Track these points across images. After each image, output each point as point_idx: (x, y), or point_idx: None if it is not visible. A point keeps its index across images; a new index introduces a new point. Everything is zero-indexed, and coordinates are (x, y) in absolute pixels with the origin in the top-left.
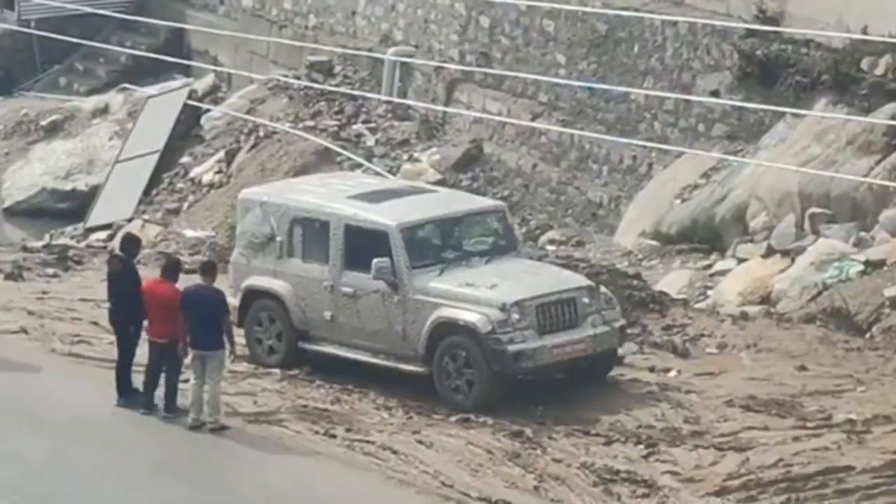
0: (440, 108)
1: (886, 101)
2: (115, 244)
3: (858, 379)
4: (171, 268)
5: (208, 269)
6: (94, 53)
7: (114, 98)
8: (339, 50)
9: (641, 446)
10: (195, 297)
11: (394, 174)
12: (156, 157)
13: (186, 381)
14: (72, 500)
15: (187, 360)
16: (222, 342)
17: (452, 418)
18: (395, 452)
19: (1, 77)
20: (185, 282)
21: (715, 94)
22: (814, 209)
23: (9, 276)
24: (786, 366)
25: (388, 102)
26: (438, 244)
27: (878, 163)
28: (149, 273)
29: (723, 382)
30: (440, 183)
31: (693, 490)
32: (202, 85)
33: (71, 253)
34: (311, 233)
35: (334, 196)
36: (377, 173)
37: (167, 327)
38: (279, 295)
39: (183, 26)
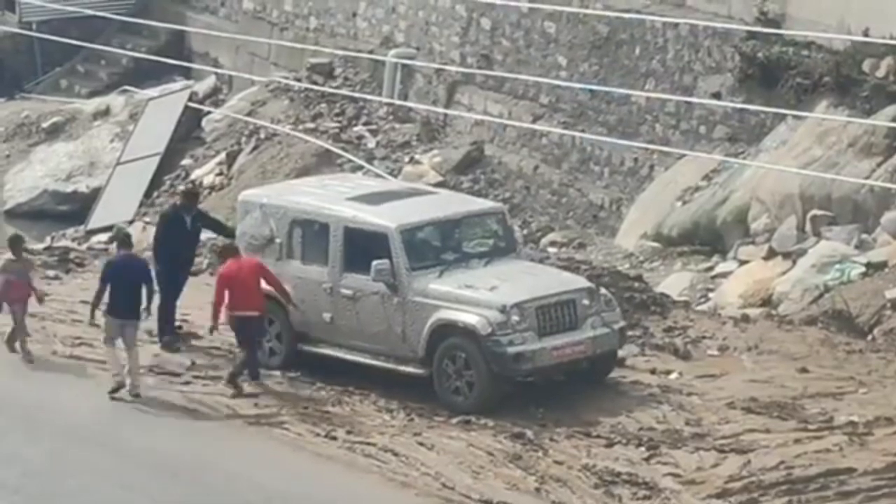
0: (441, 110)
1: (888, 103)
2: (179, 198)
3: (860, 381)
4: (234, 249)
5: (125, 241)
6: (95, 56)
7: (115, 100)
8: (340, 52)
9: (643, 448)
10: (119, 268)
11: (395, 176)
12: (157, 159)
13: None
14: (71, 501)
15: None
16: (139, 313)
17: (453, 420)
18: (396, 454)
19: (2, 79)
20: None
21: (716, 96)
22: (815, 211)
23: None
24: (787, 368)
25: (388, 104)
26: (438, 246)
27: (879, 165)
28: None
29: (724, 384)
30: (441, 185)
31: (694, 492)
32: (203, 87)
33: (72, 255)
34: (310, 235)
35: (334, 198)
36: (378, 175)
37: (255, 300)
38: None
39: (184, 28)
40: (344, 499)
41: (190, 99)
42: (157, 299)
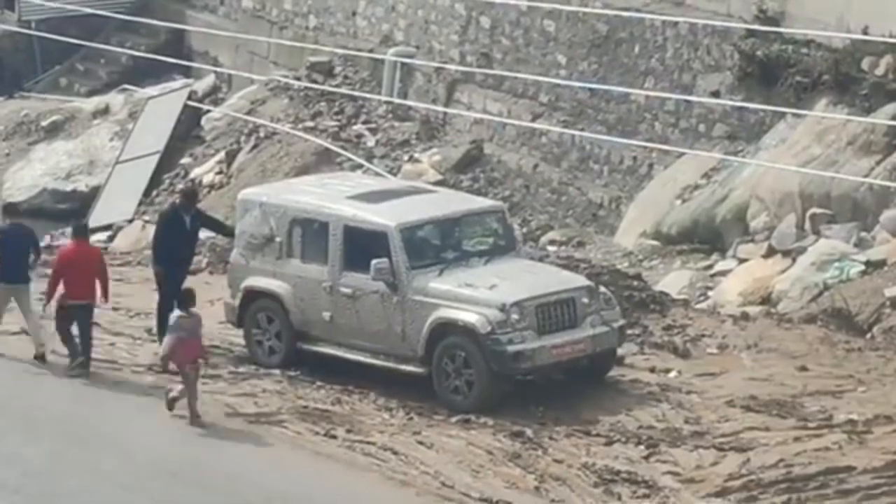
0: (441, 108)
1: (887, 102)
2: (178, 198)
3: (859, 379)
4: (83, 229)
5: (13, 210)
6: (94, 54)
7: (114, 99)
8: (340, 51)
9: (642, 447)
10: (8, 236)
11: (394, 175)
12: (156, 157)
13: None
14: (71, 501)
15: None
16: (28, 276)
17: (453, 419)
18: (395, 453)
19: (2, 77)
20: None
21: (715, 94)
22: (814, 209)
23: None
24: (786, 366)
25: (388, 103)
26: (438, 244)
27: (878, 163)
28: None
29: (723, 383)
30: (441, 183)
31: (694, 490)
32: (202, 86)
33: None
34: (310, 233)
35: (333, 197)
36: (377, 174)
37: (88, 288)
38: (278, 296)
39: (183, 27)
40: (344, 498)
41: (189, 97)
42: (155, 298)
